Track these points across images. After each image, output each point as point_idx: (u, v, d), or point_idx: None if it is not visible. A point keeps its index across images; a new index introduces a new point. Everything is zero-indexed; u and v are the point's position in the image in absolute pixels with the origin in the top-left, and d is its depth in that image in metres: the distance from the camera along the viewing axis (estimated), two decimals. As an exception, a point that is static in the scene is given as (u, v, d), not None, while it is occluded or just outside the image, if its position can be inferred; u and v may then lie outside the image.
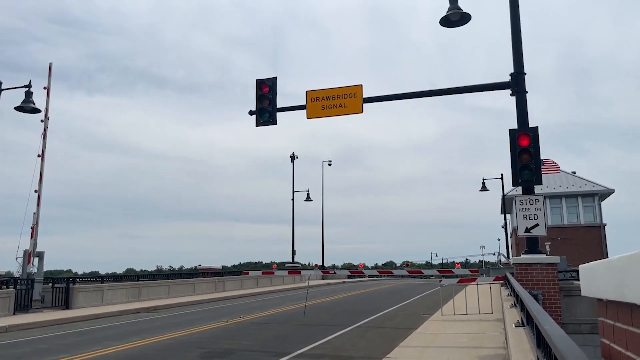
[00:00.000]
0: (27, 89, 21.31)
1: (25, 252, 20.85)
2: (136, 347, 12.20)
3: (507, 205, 44.21)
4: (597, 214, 43.76)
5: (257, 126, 17.04)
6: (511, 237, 48.06)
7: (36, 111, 21.47)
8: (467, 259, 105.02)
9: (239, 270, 50.61)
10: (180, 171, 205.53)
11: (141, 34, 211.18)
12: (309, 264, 66.25)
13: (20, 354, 11.63)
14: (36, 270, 20.94)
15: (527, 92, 14.41)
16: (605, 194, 44.31)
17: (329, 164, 56.10)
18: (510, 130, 13.90)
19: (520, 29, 14.79)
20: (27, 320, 17.08)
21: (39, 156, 21.87)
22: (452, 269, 18.92)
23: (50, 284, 21.39)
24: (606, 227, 43.26)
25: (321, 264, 53.43)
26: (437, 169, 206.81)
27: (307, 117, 16.77)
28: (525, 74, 14.51)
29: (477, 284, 16.53)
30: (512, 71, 14.58)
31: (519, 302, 9.46)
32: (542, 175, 14.09)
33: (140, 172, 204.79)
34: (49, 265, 59.86)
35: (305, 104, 16.87)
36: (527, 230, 13.72)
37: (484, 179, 45.43)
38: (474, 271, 17.65)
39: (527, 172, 13.50)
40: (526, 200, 13.83)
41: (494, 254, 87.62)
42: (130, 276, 31.85)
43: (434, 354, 9.98)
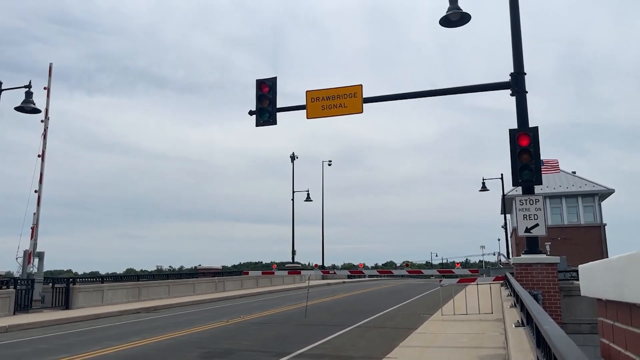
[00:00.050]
0: (27, 89, 21.32)
1: (25, 252, 20.86)
2: (136, 347, 12.21)
3: (507, 205, 44.22)
4: (597, 214, 43.76)
5: (257, 126, 17.05)
6: (511, 237, 48.07)
7: (36, 111, 21.48)
8: (467, 259, 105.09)
9: (239, 270, 50.62)
10: (180, 171, 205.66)
11: (141, 34, 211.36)
12: (309, 264, 66.29)
13: (20, 354, 11.63)
14: (36, 270, 20.95)
15: (527, 92, 14.42)
16: (605, 194, 44.31)
17: (329, 164, 56.16)
18: (510, 130, 13.90)
19: (520, 29, 14.80)
20: (27, 320, 17.09)
21: (39, 156, 21.88)
22: (452, 269, 18.92)
23: (50, 284, 21.40)
24: (606, 227, 43.29)
25: (321, 264, 53.45)
26: (437, 169, 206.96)
27: (307, 117, 16.78)
28: (525, 74, 14.51)
29: (477, 284, 16.54)
30: (512, 71, 14.59)
31: (519, 302, 9.46)
32: (542, 175, 14.10)
33: (140, 172, 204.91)
34: (49, 265, 59.94)
35: (305, 104, 16.87)
36: (527, 230, 13.72)
37: (484, 179, 45.48)
38: (474, 271, 17.65)
39: (527, 172, 13.50)
40: (526, 200, 13.83)
41: (494, 254, 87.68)
42: (130, 276, 31.84)
43: (434, 354, 9.99)
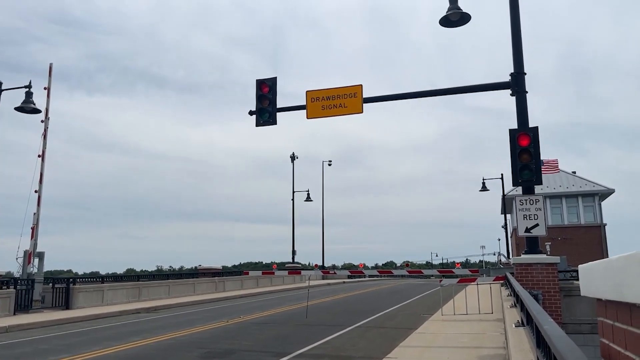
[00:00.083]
0: (27, 90, 21.33)
1: (25, 252, 20.86)
2: (137, 347, 12.21)
3: (507, 205, 44.20)
4: (597, 214, 43.74)
5: (257, 126, 17.05)
6: (511, 237, 48.05)
7: (36, 111, 21.48)
8: (467, 259, 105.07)
9: (239, 270, 50.60)
10: (180, 171, 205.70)
11: (141, 34, 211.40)
12: (309, 264, 66.26)
13: (20, 354, 11.63)
14: (36, 270, 20.96)
15: (527, 92, 14.41)
16: (605, 194, 44.29)
17: (329, 164, 56.14)
18: (510, 130, 13.90)
19: (520, 29, 14.79)
20: (27, 320, 17.09)
21: (39, 156, 21.89)
22: (452, 269, 18.91)
23: (50, 284, 21.40)
24: (606, 227, 43.26)
25: (321, 264, 53.44)
26: (437, 169, 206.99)
27: (307, 117, 16.77)
28: (525, 74, 14.51)
29: (477, 284, 16.53)
30: (512, 71, 14.58)
31: (519, 302, 9.46)
32: (542, 175, 14.09)
33: (140, 172, 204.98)
34: (49, 265, 59.92)
35: (305, 104, 16.87)
36: (527, 230, 13.72)
37: (484, 179, 45.46)
38: (474, 271, 17.65)
39: (527, 172, 13.50)
40: (526, 200, 13.83)
41: (494, 254, 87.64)
42: (130, 276, 31.84)
43: (434, 354, 9.99)
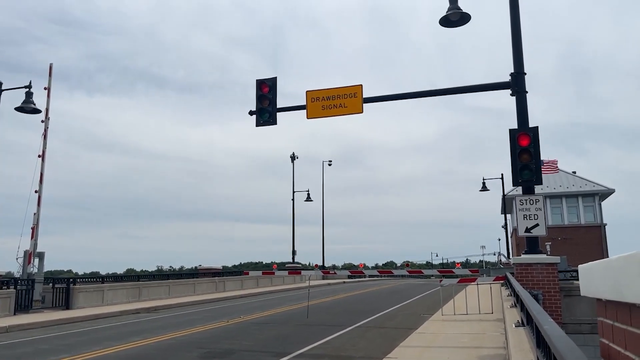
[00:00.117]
0: (27, 90, 21.33)
1: (25, 252, 20.87)
2: (137, 347, 12.22)
3: (507, 205, 44.20)
4: (597, 214, 43.73)
5: (257, 126, 17.05)
6: (511, 237, 48.05)
7: (36, 112, 21.49)
8: (467, 259, 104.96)
9: (240, 270, 50.60)
10: (180, 171, 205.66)
11: (141, 34, 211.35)
12: (310, 264, 66.24)
13: (20, 354, 11.64)
14: (36, 270, 20.97)
15: (527, 92, 14.41)
16: (605, 194, 44.28)
17: (329, 164, 56.15)
18: (510, 130, 13.90)
19: (520, 29, 14.79)
20: (27, 320, 17.09)
21: (39, 156, 21.89)
22: (453, 269, 18.91)
23: (50, 284, 21.41)
24: (606, 227, 43.25)
25: (321, 264, 53.43)
26: (437, 169, 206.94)
27: (307, 117, 16.77)
28: (525, 74, 14.50)
29: (478, 284, 16.53)
30: (512, 71, 14.58)
31: (519, 302, 9.46)
32: (542, 175, 14.09)
33: (140, 172, 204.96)
34: (50, 265, 59.95)
35: (305, 104, 16.87)
36: (528, 230, 13.72)
37: (484, 179, 45.45)
38: (474, 271, 17.64)
39: (527, 172, 13.50)
40: (526, 200, 13.83)
41: (494, 254, 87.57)
42: (130, 276, 31.86)
43: (434, 354, 9.99)
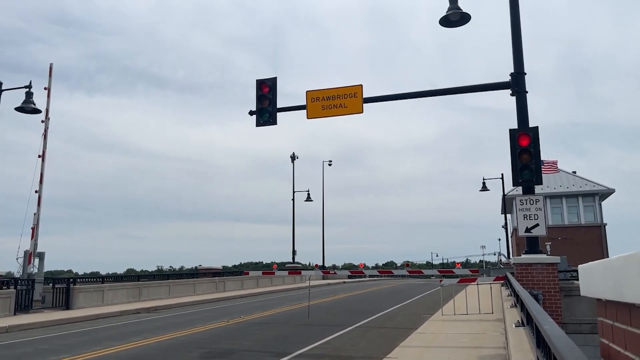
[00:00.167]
0: (27, 90, 21.33)
1: (25, 252, 20.88)
2: (137, 347, 12.22)
3: (507, 205, 44.20)
4: (597, 214, 43.73)
5: (257, 126, 17.05)
6: (511, 237, 48.04)
7: (37, 112, 21.49)
8: (467, 259, 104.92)
9: (240, 270, 50.61)
10: (180, 171, 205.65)
11: (141, 34, 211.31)
12: (310, 264, 66.25)
13: (21, 354, 11.64)
14: (37, 270, 20.97)
15: (527, 92, 14.41)
16: (605, 194, 44.28)
17: (329, 164, 56.15)
18: (510, 130, 13.90)
19: (520, 28, 14.79)
20: (27, 320, 17.10)
21: (39, 156, 21.89)
22: (453, 269, 18.91)
23: (50, 285, 21.41)
24: (607, 226, 43.26)
25: (322, 264, 53.42)
26: (437, 169, 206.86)
27: (307, 117, 16.78)
28: (525, 74, 14.50)
29: (478, 284, 16.53)
30: (512, 71, 14.58)
31: (519, 302, 9.46)
32: (542, 175, 14.09)
33: (140, 172, 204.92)
34: (50, 265, 59.96)
35: (305, 104, 16.88)
36: (528, 230, 13.72)
37: (484, 179, 45.43)
38: (474, 271, 17.64)
39: (528, 172, 13.50)
40: (526, 200, 13.83)
41: (495, 254, 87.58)
42: (130, 276, 31.87)
43: (434, 353, 9.99)
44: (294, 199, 51.79)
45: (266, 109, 16.97)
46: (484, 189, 45.53)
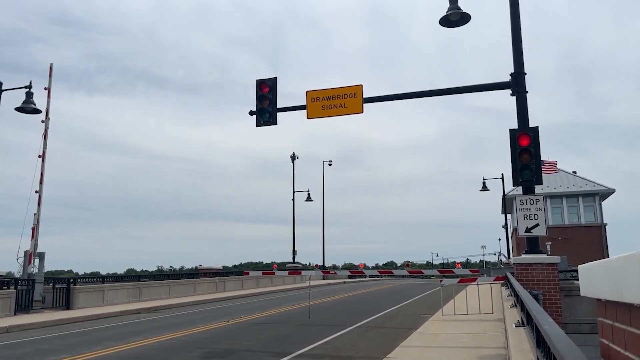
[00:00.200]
0: (27, 90, 21.34)
1: (26, 252, 20.88)
2: (137, 347, 12.22)
3: (507, 205, 44.20)
4: (597, 214, 43.74)
5: (257, 126, 17.06)
6: (512, 237, 48.05)
7: (37, 112, 21.49)
8: (467, 259, 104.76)
9: (240, 270, 50.64)
10: (180, 171, 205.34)
11: (141, 34, 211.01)
12: (310, 264, 66.22)
13: (21, 354, 11.64)
14: (37, 270, 20.97)
15: (527, 92, 14.41)
16: (605, 194, 44.30)
17: (329, 164, 56.16)
18: (510, 130, 13.90)
19: (520, 28, 14.79)
20: (28, 320, 17.10)
21: (39, 157, 21.90)
22: (453, 269, 18.92)
23: (51, 285, 21.42)
24: (607, 226, 43.27)
25: (322, 264, 53.42)
26: (437, 169, 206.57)
27: (308, 117, 16.78)
28: (525, 74, 14.50)
29: (478, 284, 16.53)
30: (512, 71, 14.58)
31: (519, 302, 9.46)
32: (542, 175, 14.09)
33: (140, 172, 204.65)
34: (50, 265, 59.93)
35: (305, 104, 16.88)
36: (528, 230, 13.72)
37: (484, 179, 45.43)
38: (474, 271, 17.65)
39: (528, 172, 13.51)
40: (527, 200, 13.83)
41: (495, 254, 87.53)
42: (131, 276, 31.90)
43: (434, 353, 9.99)
44: (294, 199, 51.83)
45: (266, 109, 16.97)
46: (484, 189, 45.55)
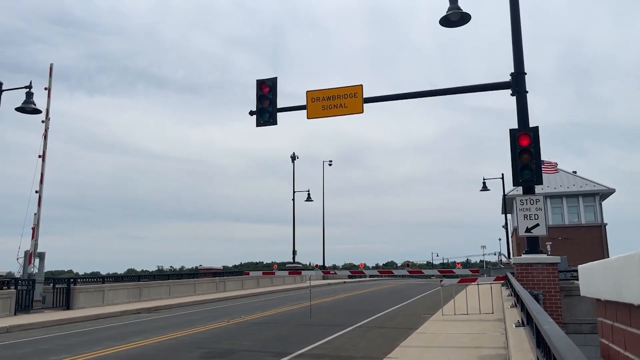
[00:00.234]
0: (27, 90, 21.34)
1: (26, 252, 20.88)
2: (137, 347, 12.22)
3: (507, 205, 44.20)
4: (597, 214, 43.74)
5: (257, 126, 17.06)
6: (512, 237, 48.05)
7: (37, 112, 21.49)
8: (467, 259, 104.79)
9: (240, 270, 50.64)
10: (180, 171, 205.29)
11: (141, 34, 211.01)
12: (310, 264, 66.20)
13: (21, 354, 11.65)
14: (37, 270, 20.98)
15: (527, 92, 14.41)
16: (606, 194, 44.30)
17: (330, 164, 56.16)
18: (510, 130, 13.90)
19: (520, 28, 14.78)
20: (28, 320, 17.11)
21: (39, 157, 21.91)
22: (453, 269, 18.92)
23: (51, 285, 21.42)
24: (607, 226, 43.27)
25: (322, 264, 53.43)
26: (437, 169, 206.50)
27: (308, 117, 16.78)
28: (525, 73, 14.50)
29: (478, 284, 16.53)
30: (512, 71, 14.58)
31: (519, 302, 9.46)
32: (543, 174, 14.09)
33: (140, 173, 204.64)
34: (50, 265, 60.01)
35: (305, 104, 16.88)
36: (528, 230, 13.72)
37: (484, 179, 45.42)
38: (474, 271, 17.65)
39: (528, 172, 13.50)
40: (527, 200, 13.83)
41: (495, 254, 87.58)
42: (131, 276, 31.90)
43: (434, 353, 9.99)
44: (294, 199, 51.82)
45: (266, 109, 16.97)
46: (484, 189, 45.54)
